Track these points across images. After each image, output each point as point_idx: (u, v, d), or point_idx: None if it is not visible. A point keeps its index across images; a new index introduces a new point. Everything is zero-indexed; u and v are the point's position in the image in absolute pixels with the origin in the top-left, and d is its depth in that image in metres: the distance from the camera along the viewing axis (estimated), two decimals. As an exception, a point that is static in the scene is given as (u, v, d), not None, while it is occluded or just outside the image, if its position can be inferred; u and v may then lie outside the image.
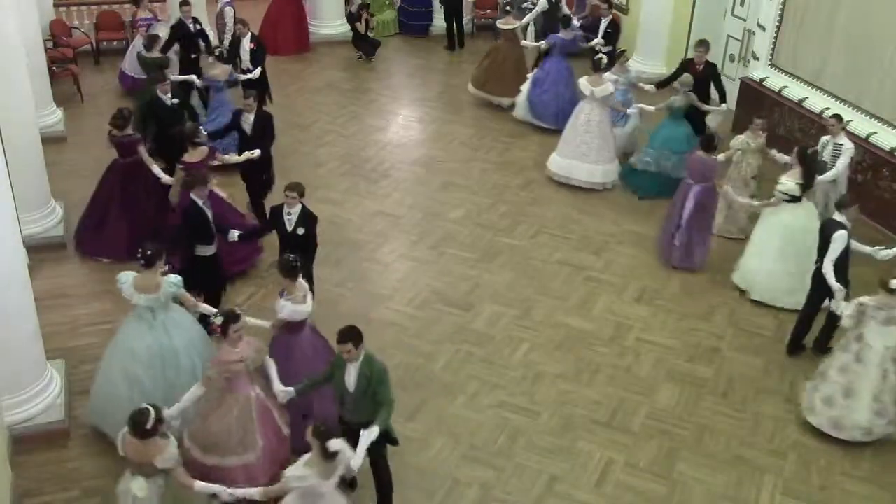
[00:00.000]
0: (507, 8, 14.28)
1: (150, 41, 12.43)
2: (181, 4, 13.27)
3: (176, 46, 13.04)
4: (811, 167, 9.57)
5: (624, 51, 12.93)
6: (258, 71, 12.64)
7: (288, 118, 12.98)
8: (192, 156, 9.62)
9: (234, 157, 10.17)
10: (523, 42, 14.14)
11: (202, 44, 13.22)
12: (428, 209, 11.44)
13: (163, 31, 14.26)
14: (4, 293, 7.22)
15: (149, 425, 5.87)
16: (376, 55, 16.21)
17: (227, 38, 14.20)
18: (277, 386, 6.78)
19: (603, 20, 14.03)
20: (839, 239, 8.32)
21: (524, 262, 10.44)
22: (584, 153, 11.76)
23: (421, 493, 7.25)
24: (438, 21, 17.48)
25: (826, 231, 8.50)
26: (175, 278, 7.39)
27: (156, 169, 9.96)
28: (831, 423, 7.92)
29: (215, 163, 9.87)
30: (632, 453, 7.78)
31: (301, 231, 8.33)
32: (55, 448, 7.46)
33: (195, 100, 12.54)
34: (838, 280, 8.31)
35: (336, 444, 5.77)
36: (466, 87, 14.93)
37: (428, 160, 12.75)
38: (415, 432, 7.80)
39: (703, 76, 11.94)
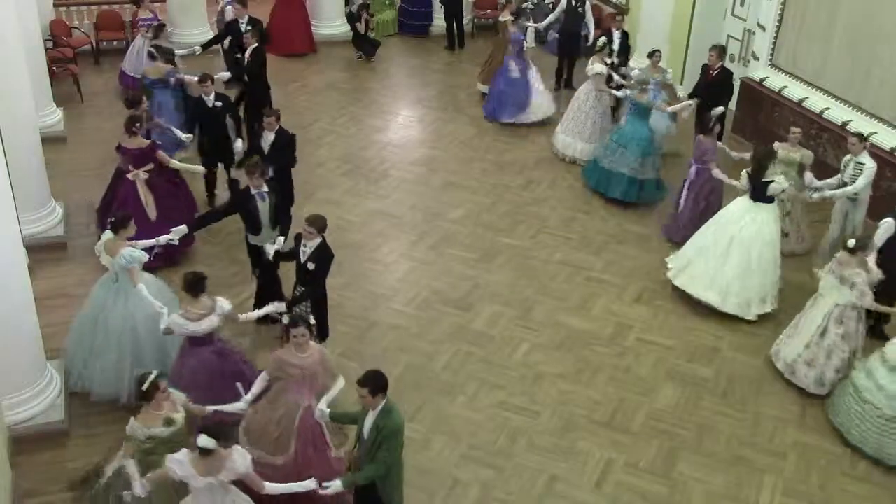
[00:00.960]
0: (503, 1, 14.26)
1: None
2: (235, 1, 13.22)
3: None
4: (760, 164, 9.54)
5: (657, 50, 12.40)
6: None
7: (288, 118, 12.90)
8: (130, 142, 9.77)
9: (174, 162, 10.03)
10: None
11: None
12: (428, 209, 11.44)
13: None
14: (4, 293, 7.22)
15: (144, 387, 6.14)
16: (376, 55, 16.21)
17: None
18: (321, 404, 6.61)
19: (615, 32, 13.38)
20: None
21: (524, 262, 10.45)
22: (578, 131, 12.57)
23: (421, 492, 7.25)
24: (438, 21, 17.48)
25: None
26: (137, 253, 7.75)
27: (184, 165, 10.15)
28: (774, 352, 8.80)
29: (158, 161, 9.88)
30: (632, 453, 7.78)
31: (311, 266, 7.93)
32: (55, 448, 7.46)
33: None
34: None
35: (203, 440, 5.61)
36: (466, 88, 14.97)
37: (428, 160, 12.75)
38: (415, 432, 7.80)
39: (716, 81, 11.92)
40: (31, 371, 7.67)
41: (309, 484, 6.06)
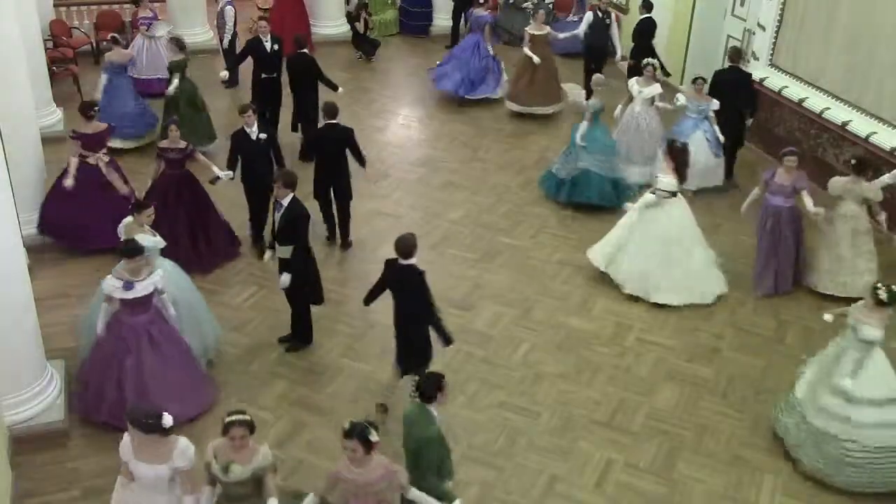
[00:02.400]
0: (532, 13, 13.78)
1: (176, 43, 12.31)
2: (259, 18, 12.97)
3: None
4: (681, 161, 9.76)
5: (700, 77, 11.83)
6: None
7: (288, 118, 12.94)
8: (87, 128, 9.96)
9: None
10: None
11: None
12: (428, 209, 11.44)
13: (161, 31, 14.29)
14: (4, 293, 7.23)
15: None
16: (376, 55, 16.20)
17: (227, 37, 14.22)
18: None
19: (588, 13, 14.19)
20: None
21: (524, 262, 10.44)
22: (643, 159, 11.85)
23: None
24: (438, 21, 17.49)
25: None
26: (149, 241, 7.83)
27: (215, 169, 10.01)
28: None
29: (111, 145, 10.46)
30: (632, 453, 7.78)
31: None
32: (55, 448, 7.46)
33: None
34: None
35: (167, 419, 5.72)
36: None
37: (428, 160, 12.75)
38: (415, 432, 7.80)
39: (734, 80, 11.90)
40: (31, 371, 7.66)
41: None
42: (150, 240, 7.93)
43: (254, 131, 9.92)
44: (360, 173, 10.63)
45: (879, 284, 7.36)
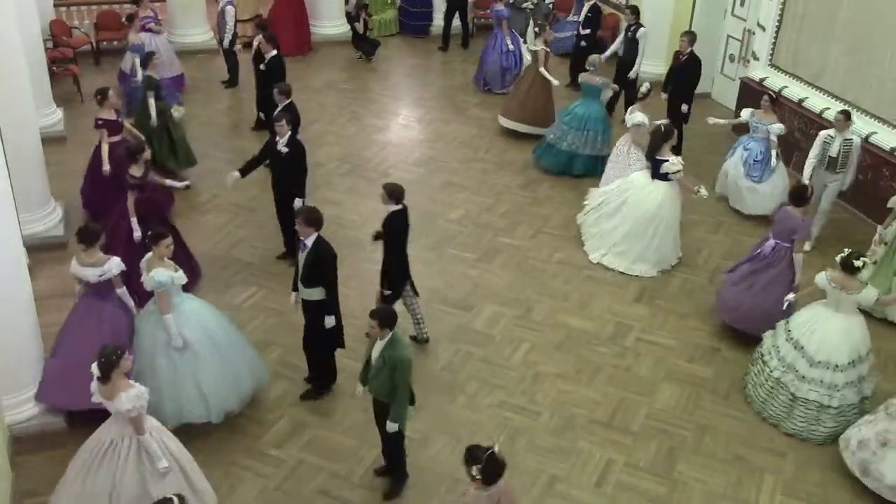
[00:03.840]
0: (536, 30, 13.46)
1: (147, 57, 11.78)
2: (256, 25, 12.79)
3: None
4: (665, 135, 10.03)
5: (768, 94, 11.46)
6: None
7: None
8: (105, 114, 10.27)
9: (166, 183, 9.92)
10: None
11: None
12: (428, 209, 11.44)
13: (160, 39, 14.12)
14: (4, 293, 7.22)
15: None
16: (376, 55, 16.21)
17: (228, 37, 14.22)
18: None
19: (586, 4, 14.57)
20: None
21: (524, 262, 10.45)
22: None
23: (421, 492, 7.25)
24: (438, 21, 17.48)
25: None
26: (166, 277, 7.37)
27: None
28: (860, 467, 7.42)
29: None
30: (632, 453, 7.78)
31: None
32: (55, 448, 7.44)
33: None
34: None
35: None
36: (466, 88, 15.00)
37: (428, 160, 12.75)
38: (415, 432, 7.79)
39: (685, 66, 12.27)
40: (31, 371, 7.66)
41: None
42: (169, 275, 7.39)
43: (281, 143, 9.48)
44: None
45: (851, 252, 7.78)
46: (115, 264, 7.65)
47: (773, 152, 11.08)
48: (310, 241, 7.66)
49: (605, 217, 10.50)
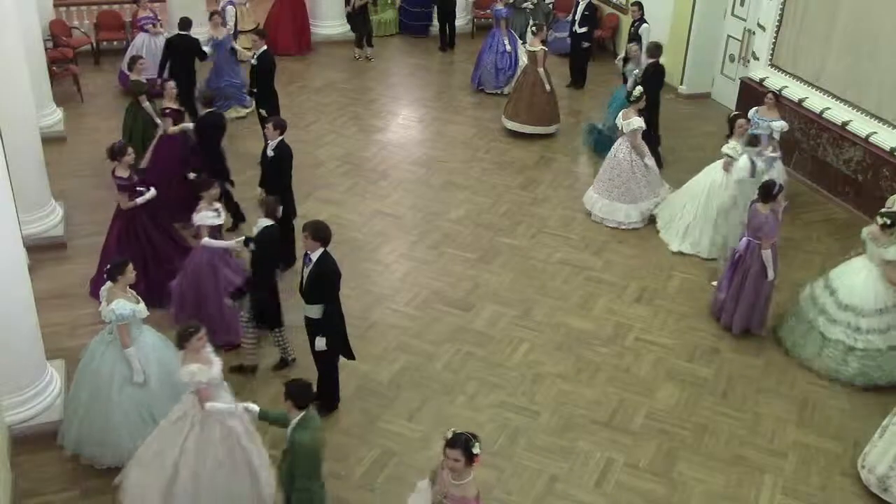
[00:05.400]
0: (533, 30, 13.45)
1: (132, 62, 11.73)
2: (255, 36, 12.43)
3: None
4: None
5: (772, 92, 11.40)
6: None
7: (288, 118, 12.95)
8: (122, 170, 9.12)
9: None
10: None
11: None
12: (428, 209, 11.44)
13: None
14: (4, 293, 7.22)
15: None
16: (376, 58, 16.20)
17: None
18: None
19: (581, 3, 14.87)
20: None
21: (524, 262, 10.44)
22: (619, 195, 11.13)
23: (421, 492, 7.25)
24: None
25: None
26: (127, 309, 7.00)
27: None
28: (879, 484, 7.30)
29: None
30: (632, 453, 7.78)
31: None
32: (55, 448, 7.44)
33: None
34: None
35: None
36: (466, 88, 14.99)
37: (428, 160, 12.75)
38: (415, 432, 7.81)
39: (635, 37, 13.03)
40: (31, 371, 7.66)
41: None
42: (132, 307, 7.06)
43: (269, 146, 9.47)
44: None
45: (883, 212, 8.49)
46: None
47: (770, 148, 11.04)
48: (315, 256, 7.48)
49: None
